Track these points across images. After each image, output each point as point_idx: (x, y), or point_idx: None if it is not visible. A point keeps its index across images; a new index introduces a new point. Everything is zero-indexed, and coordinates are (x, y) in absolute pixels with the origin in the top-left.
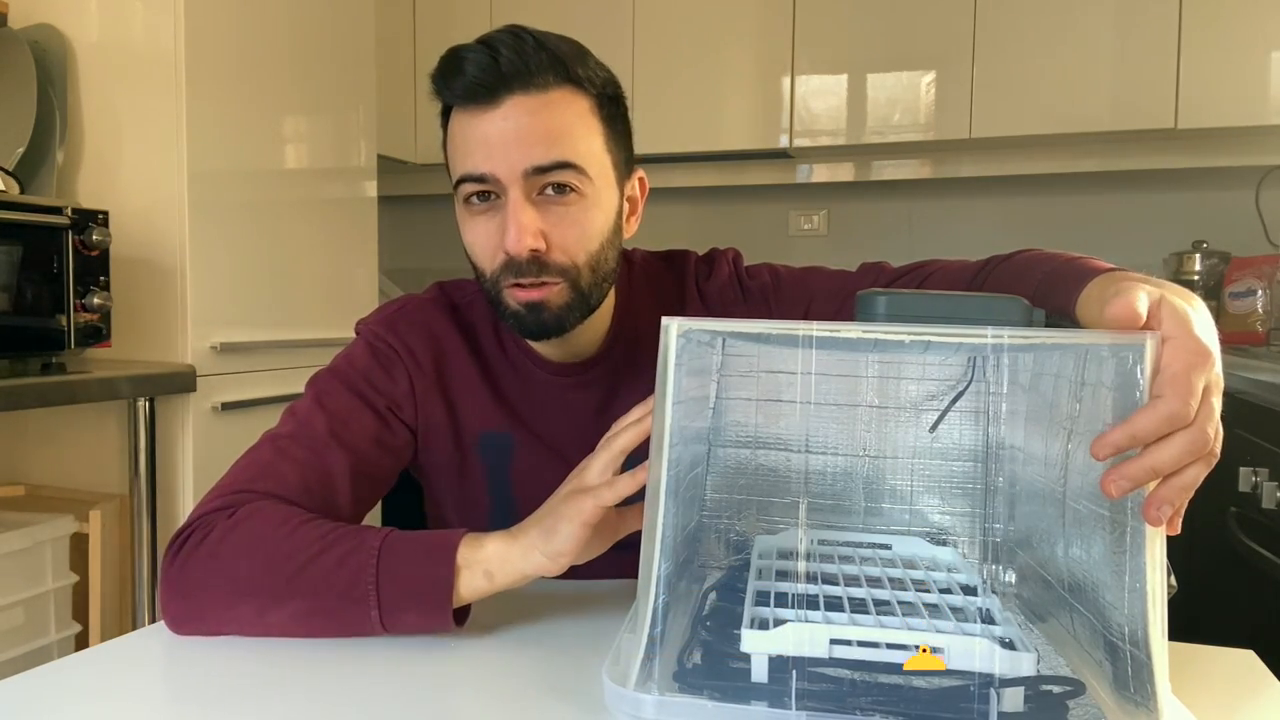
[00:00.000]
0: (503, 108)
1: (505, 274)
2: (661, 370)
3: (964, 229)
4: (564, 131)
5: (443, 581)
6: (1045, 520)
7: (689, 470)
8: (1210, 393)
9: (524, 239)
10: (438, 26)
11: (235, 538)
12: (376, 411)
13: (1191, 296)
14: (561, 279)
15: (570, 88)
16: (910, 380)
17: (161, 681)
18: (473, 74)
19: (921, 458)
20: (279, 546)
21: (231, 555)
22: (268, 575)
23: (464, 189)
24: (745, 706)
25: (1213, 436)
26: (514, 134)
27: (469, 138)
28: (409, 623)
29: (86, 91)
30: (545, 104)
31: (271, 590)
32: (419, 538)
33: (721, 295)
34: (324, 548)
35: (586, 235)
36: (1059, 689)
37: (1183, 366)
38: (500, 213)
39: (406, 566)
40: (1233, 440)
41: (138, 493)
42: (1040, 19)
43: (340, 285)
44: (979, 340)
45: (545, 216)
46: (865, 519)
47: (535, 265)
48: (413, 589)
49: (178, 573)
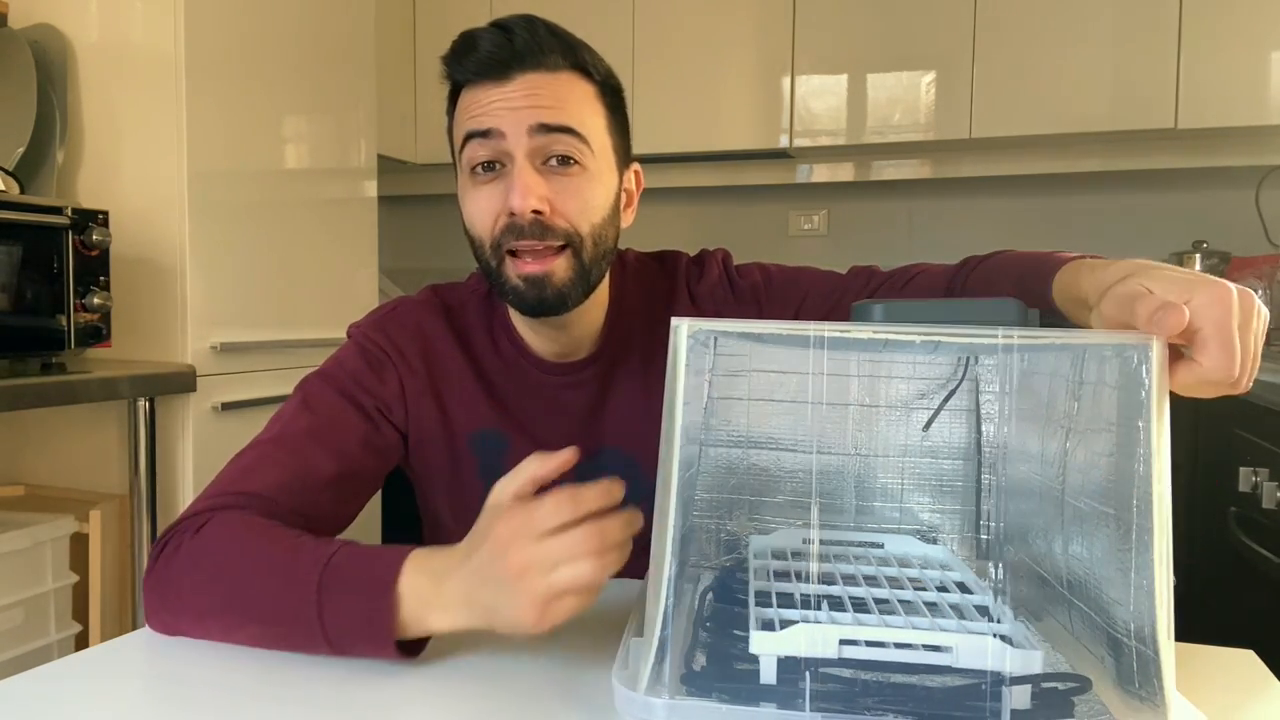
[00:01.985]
0: (513, 83)
1: (506, 237)
2: (671, 370)
3: (964, 229)
4: (571, 103)
5: (382, 615)
6: (1041, 518)
7: (685, 470)
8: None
9: (529, 198)
10: (437, 27)
11: (197, 557)
12: (364, 413)
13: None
14: (565, 243)
15: (578, 72)
16: (900, 380)
17: (161, 682)
18: (486, 50)
19: (912, 456)
20: (233, 570)
21: (192, 577)
22: (225, 599)
23: (469, 152)
24: (756, 708)
25: None
26: (522, 99)
27: (477, 103)
28: (363, 653)
29: (86, 91)
30: (554, 81)
31: (231, 613)
32: (362, 561)
33: (712, 295)
34: (270, 572)
35: (589, 206)
36: (1065, 686)
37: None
38: (504, 180)
39: (346, 598)
40: (1233, 440)
41: (138, 493)
42: (1040, 19)
43: (340, 285)
44: (989, 341)
45: (549, 184)
46: (856, 517)
47: (538, 227)
48: (353, 626)
49: (154, 585)
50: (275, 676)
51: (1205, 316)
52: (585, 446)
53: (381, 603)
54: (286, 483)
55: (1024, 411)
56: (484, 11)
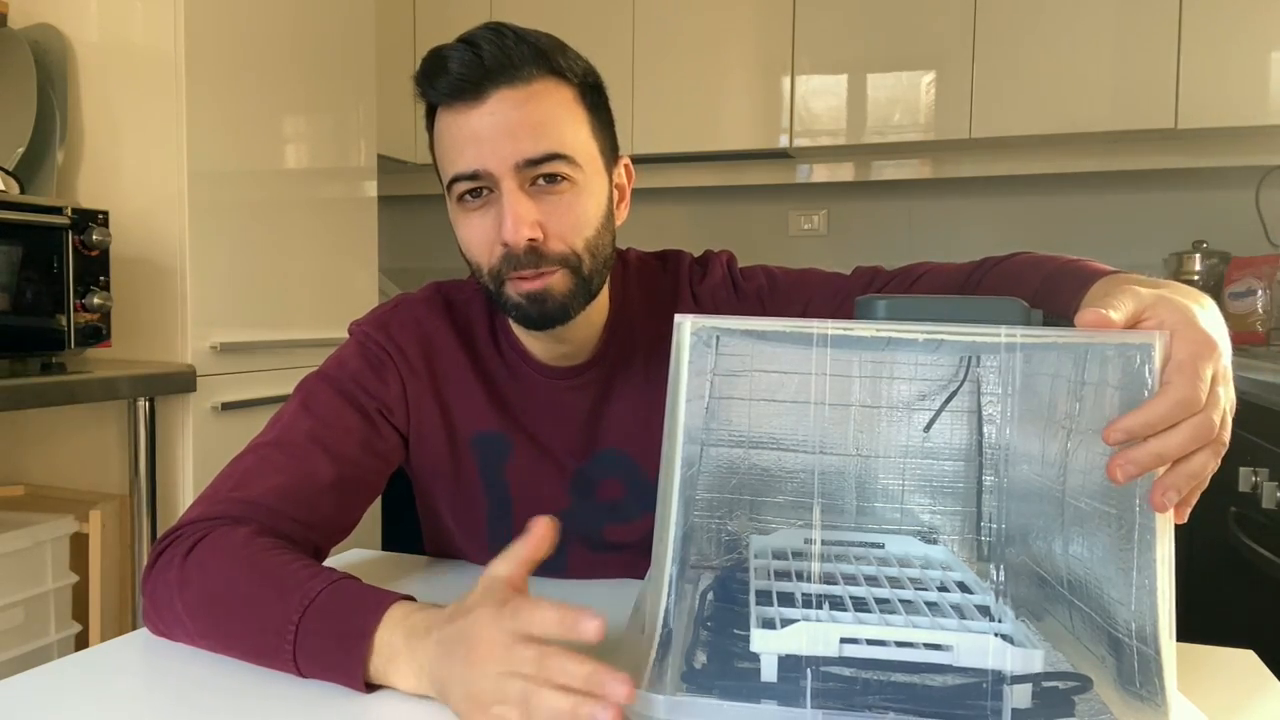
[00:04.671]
0: (488, 102)
1: (505, 267)
2: (675, 369)
3: (964, 229)
4: (551, 122)
5: (353, 664)
6: (1042, 518)
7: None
8: (1217, 383)
9: (520, 229)
10: (437, 27)
11: (189, 579)
12: (365, 414)
13: (1200, 295)
14: (561, 267)
15: (553, 78)
16: (901, 380)
17: (161, 682)
18: (456, 71)
19: (913, 457)
20: (219, 603)
21: (183, 597)
22: (208, 628)
23: (457, 188)
24: (756, 706)
25: (1218, 424)
26: (503, 128)
27: (457, 136)
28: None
29: (86, 91)
30: (530, 96)
31: (214, 641)
32: (345, 605)
33: (714, 296)
34: (253, 608)
35: (582, 221)
36: (1065, 685)
37: (1189, 355)
38: (495, 206)
39: (322, 641)
40: (1233, 440)
41: (138, 493)
42: (1040, 19)
43: (340, 285)
44: (992, 339)
45: (540, 206)
46: (856, 518)
47: (533, 256)
48: (325, 671)
49: (149, 593)
50: (275, 676)
51: (1186, 341)
52: (587, 448)
53: (356, 653)
54: (287, 489)
55: (1026, 412)
56: (484, 12)
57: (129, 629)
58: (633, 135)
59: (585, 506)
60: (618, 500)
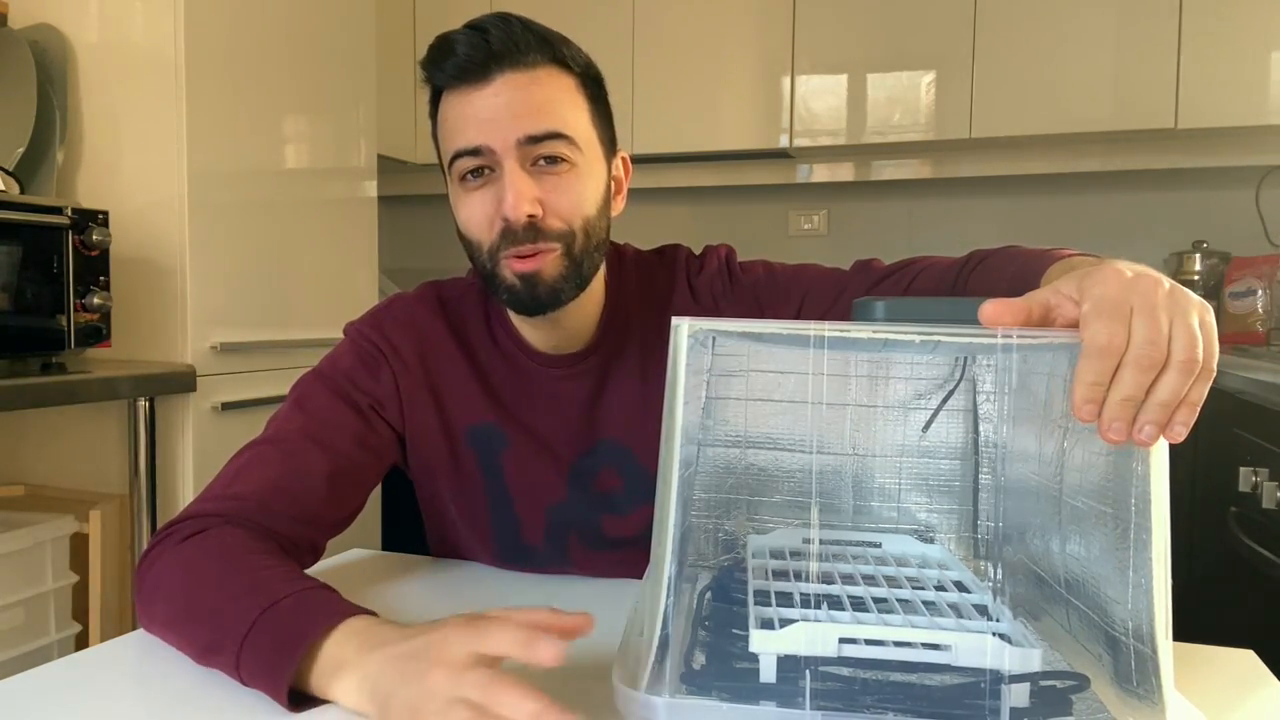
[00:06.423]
0: (493, 85)
1: (503, 244)
2: (672, 371)
3: (964, 229)
4: (553, 104)
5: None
6: (1038, 517)
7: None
8: (1143, 313)
9: (521, 205)
10: (438, 27)
11: (168, 574)
12: (359, 411)
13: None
14: (558, 244)
15: (556, 66)
16: (898, 380)
17: (161, 682)
18: (463, 53)
19: (909, 456)
20: (189, 594)
21: (162, 594)
22: (174, 619)
23: (459, 165)
24: (756, 706)
25: (1165, 346)
26: (505, 108)
27: (462, 115)
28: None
29: (86, 91)
30: (534, 80)
31: (181, 630)
32: (304, 610)
33: (710, 287)
34: (212, 608)
35: (580, 201)
36: (1063, 684)
37: (1094, 300)
38: (495, 185)
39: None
40: (1233, 440)
41: (138, 493)
42: (1040, 19)
43: (340, 285)
44: (988, 341)
45: (540, 184)
46: (854, 517)
47: (532, 232)
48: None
49: (137, 587)
50: None
51: (1090, 294)
52: (586, 438)
53: (287, 663)
54: (280, 484)
55: (1022, 411)
56: (484, 11)
57: (129, 629)
58: (633, 135)
59: (582, 498)
60: (615, 491)
